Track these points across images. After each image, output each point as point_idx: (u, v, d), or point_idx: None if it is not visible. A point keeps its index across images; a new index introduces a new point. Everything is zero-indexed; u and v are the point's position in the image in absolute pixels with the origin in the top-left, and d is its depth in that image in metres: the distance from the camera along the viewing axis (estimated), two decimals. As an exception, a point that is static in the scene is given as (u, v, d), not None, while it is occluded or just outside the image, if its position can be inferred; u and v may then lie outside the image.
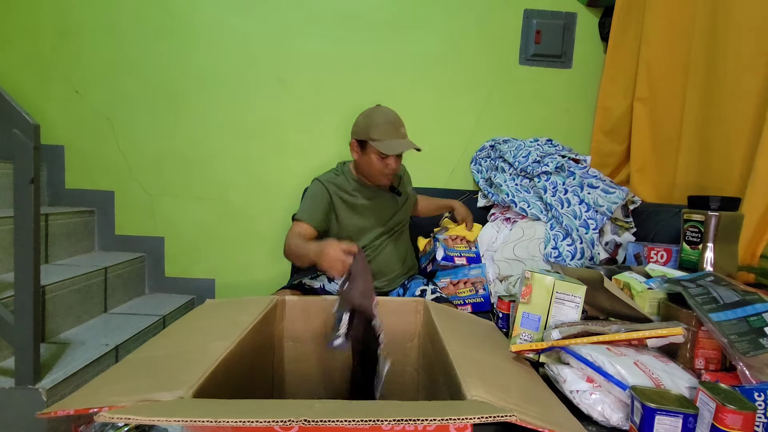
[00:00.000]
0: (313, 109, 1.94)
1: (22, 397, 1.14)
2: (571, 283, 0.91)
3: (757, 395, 0.70)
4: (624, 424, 0.73)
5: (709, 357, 0.84)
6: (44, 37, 1.88)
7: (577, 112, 1.99)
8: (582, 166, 1.72)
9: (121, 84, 1.91)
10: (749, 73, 1.25)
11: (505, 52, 1.96)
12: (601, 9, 1.92)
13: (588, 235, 1.54)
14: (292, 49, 1.92)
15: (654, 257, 1.30)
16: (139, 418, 0.55)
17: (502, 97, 1.98)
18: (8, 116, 1.10)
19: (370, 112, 1.40)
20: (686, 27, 1.49)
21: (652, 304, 0.97)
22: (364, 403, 0.63)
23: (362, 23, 1.92)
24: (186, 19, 1.89)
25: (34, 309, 1.11)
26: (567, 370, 0.81)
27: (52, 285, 1.43)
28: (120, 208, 1.96)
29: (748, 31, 1.25)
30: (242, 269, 2.00)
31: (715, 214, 1.08)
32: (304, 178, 1.92)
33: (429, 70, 1.95)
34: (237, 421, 0.54)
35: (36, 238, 1.11)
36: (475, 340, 0.99)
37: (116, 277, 1.77)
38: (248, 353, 0.97)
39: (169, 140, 1.94)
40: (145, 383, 0.69)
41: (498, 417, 0.56)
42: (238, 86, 1.93)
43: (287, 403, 0.63)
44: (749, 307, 0.83)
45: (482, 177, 1.88)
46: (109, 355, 1.39)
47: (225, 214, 1.98)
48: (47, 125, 1.83)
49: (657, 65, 1.61)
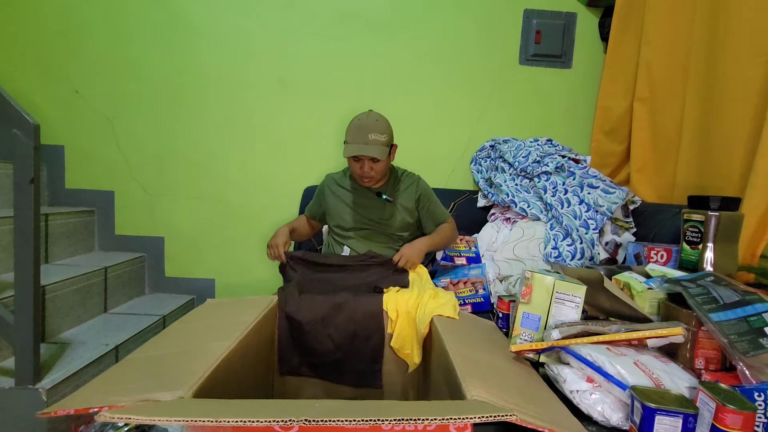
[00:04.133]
0: (313, 108, 1.94)
1: (22, 397, 1.14)
2: (571, 283, 0.91)
3: (757, 395, 0.70)
4: (624, 424, 0.73)
5: (709, 357, 0.84)
6: (44, 37, 1.88)
7: (577, 112, 1.99)
8: (582, 166, 1.72)
9: (121, 84, 1.91)
10: (749, 73, 1.25)
11: (505, 52, 1.96)
12: (601, 9, 1.92)
13: (588, 235, 1.53)
14: (292, 49, 1.92)
15: (654, 257, 1.30)
16: (139, 418, 0.55)
17: (502, 97, 1.98)
18: (8, 116, 1.10)
19: (356, 116, 1.48)
20: (686, 27, 1.49)
21: (652, 304, 0.97)
22: (365, 403, 0.63)
23: (362, 23, 1.92)
24: (186, 19, 1.89)
25: (34, 309, 1.11)
26: (567, 370, 0.81)
27: (52, 285, 1.43)
28: (120, 208, 1.96)
29: (748, 31, 1.25)
30: (242, 269, 2.00)
31: (715, 214, 1.08)
32: (303, 178, 1.92)
33: (429, 70, 1.95)
34: (237, 421, 0.54)
35: (36, 238, 1.11)
36: (475, 340, 0.99)
37: (116, 277, 1.77)
38: (248, 353, 0.97)
39: (169, 140, 1.94)
40: (145, 383, 0.69)
41: (498, 417, 0.57)
42: (238, 86, 1.93)
43: (287, 403, 0.63)
44: (749, 307, 0.83)
45: (482, 177, 1.88)
46: (109, 355, 1.39)
47: (225, 214, 1.98)
48: (47, 125, 1.83)
49: (657, 65, 1.61)
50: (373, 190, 1.55)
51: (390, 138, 1.47)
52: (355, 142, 1.42)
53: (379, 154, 1.40)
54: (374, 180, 1.50)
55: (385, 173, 1.52)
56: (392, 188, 1.56)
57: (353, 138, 1.42)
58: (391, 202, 1.53)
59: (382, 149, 1.42)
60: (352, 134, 1.43)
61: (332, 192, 1.60)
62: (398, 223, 1.53)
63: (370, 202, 1.54)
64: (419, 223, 1.59)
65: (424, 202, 1.57)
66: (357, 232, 1.53)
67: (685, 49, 1.49)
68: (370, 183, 1.51)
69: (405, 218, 1.54)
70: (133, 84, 1.91)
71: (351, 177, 1.57)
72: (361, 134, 1.41)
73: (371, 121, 1.44)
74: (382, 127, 1.44)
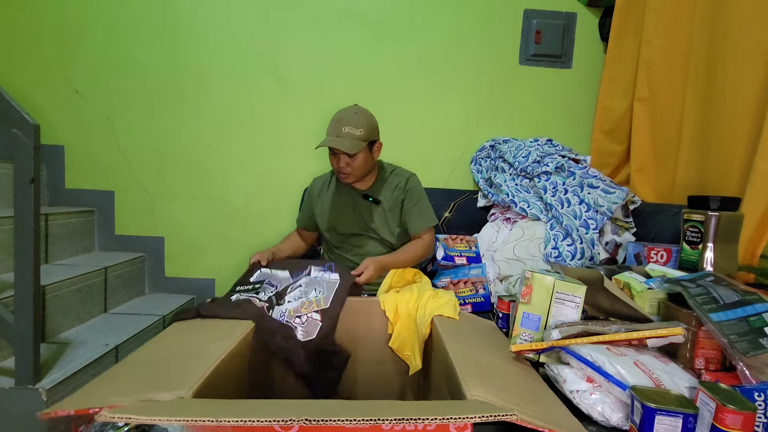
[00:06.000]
0: (313, 108, 1.94)
1: (22, 397, 1.14)
2: (571, 283, 0.91)
3: (757, 395, 0.70)
4: (624, 424, 0.73)
5: (709, 357, 0.84)
6: (44, 37, 1.88)
7: (577, 112, 1.99)
8: (582, 166, 1.72)
9: (121, 84, 1.91)
10: (749, 73, 1.25)
11: (505, 52, 1.96)
12: (601, 9, 1.92)
13: (588, 235, 1.53)
14: (293, 49, 1.92)
15: (654, 257, 1.30)
16: (139, 418, 0.55)
17: (502, 97, 1.98)
18: (8, 116, 1.10)
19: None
20: (686, 27, 1.49)
21: (652, 304, 0.97)
22: (365, 403, 0.63)
23: (362, 23, 1.92)
24: (186, 19, 1.89)
25: (34, 309, 1.11)
26: (567, 370, 0.81)
27: (52, 285, 1.42)
28: (120, 208, 1.96)
29: (748, 31, 1.25)
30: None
31: (715, 214, 1.08)
32: (303, 178, 1.92)
33: (428, 69, 1.95)
34: (237, 421, 0.54)
35: (36, 238, 1.11)
36: (475, 340, 0.99)
37: (116, 277, 1.77)
38: (248, 353, 0.97)
39: (170, 140, 1.94)
40: (145, 383, 0.69)
41: (498, 417, 0.57)
42: (238, 86, 1.93)
43: (287, 403, 0.63)
44: (749, 307, 0.83)
45: (482, 177, 1.88)
46: (109, 355, 1.39)
47: (225, 214, 1.98)
48: (47, 125, 1.83)
49: (657, 65, 1.61)
50: (360, 191, 1.49)
51: (368, 133, 1.38)
52: (329, 134, 1.38)
53: (347, 148, 1.33)
54: (352, 176, 1.43)
55: (365, 171, 1.44)
56: (379, 188, 1.49)
57: (329, 130, 1.39)
58: (378, 204, 1.47)
59: (354, 143, 1.34)
60: (329, 126, 1.40)
61: (318, 196, 1.56)
62: (385, 227, 1.47)
63: (357, 205, 1.49)
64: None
65: (409, 200, 1.46)
66: (347, 239, 1.49)
67: (685, 49, 1.49)
68: (348, 179, 1.44)
69: (392, 220, 1.47)
70: (133, 84, 1.91)
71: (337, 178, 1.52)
72: (335, 126, 1.37)
73: (349, 114, 1.39)
74: (359, 120, 1.37)
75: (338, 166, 1.41)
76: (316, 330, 1.12)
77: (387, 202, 1.48)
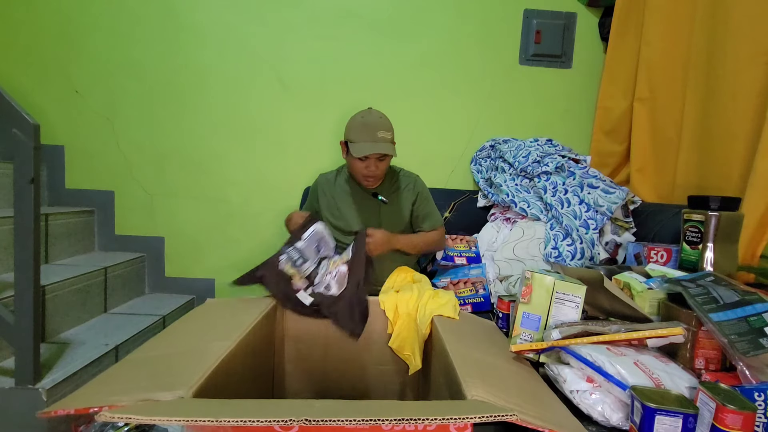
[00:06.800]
0: (313, 109, 1.94)
1: (22, 397, 1.14)
2: (571, 283, 0.91)
3: (757, 395, 0.70)
4: (624, 424, 0.73)
5: (709, 357, 0.84)
6: (44, 37, 1.88)
7: (577, 112, 1.99)
8: (582, 166, 1.72)
9: (121, 84, 1.91)
10: (749, 73, 1.25)
11: (505, 52, 1.96)
12: (601, 9, 1.92)
13: (588, 235, 1.53)
14: (292, 49, 1.92)
15: (654, 257, 1.30)
16: (139, 418, 0.55)
17: (502, 97, 1.98)
18: (8, 116, 1.10)
19: (356, 115, 1.45)
20: (686, 27, 1.49)
21: (652, 304, 0.97)
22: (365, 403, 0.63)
23: (362, 23, 1.92)
24: (186, 19, 1.89)
25: (34, 309, 1.11)
26: (567, 370, 0.81)
27: (52, 285, 1.43)
28: (120, 208, 1.96)
29: (748, 30, 1.25)
30: (242, 269, 1.99)
31: (715, 214, 1.08)
32: (303, 178, 1.92)
33: (429, 69, 1.95)
34: (237, 421, 0.54)
35: (36, 238, 1.11)
36: (475, 340, 0.99)
37: (116, 277, 1.77)
38: (248, 353, 0.97)
39: (169, 140, 1.94)
40: (145, 383, 0.69)
41: (498, 417, 0.57)
42: (238, 86, 1.93)
43: (287, 403, 0.63)
44: (749, 307, 0.83)
45: (482, 177, 1.88)
46: (109, 355, 1.39)
47: (225, 214, 1.98)
48: (47, 125, 1.83)
49: (657, 65, 1.61)
50: (369, 190, 1.51)
51: (394, 135, 1.44)
52: (363, 140, 1.37)
53: (391, 151, 1.38)
54: (378, 179, 1.47)
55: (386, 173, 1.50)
56: (389, 188, 1.53)
57: (360, 137, 1.38)
58: (387, 203, 1.49)
59: (392, 146, 1.40)
60: (357, 133, 1.39)
61: (325, 193, 1.57)
62: (393, 226, 1.49)
63: (365, 203, 1.51)
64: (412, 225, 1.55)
65: (421, 203, 1.53)
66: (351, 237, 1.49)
67: (685, 49, 1.49)
68: (375, 183, 1.48)
69: (400, 220, 1.51)
70: (133, 84, 1.91)
71: (347, 178, 1.55)
72: (369, 132, 1.38)
73: (375, 118, 1.41)
74: (387, 124, 1.42)
75: (368, 171, 1.41)
76: (345, 279, 1.21)
77: (399, 202, 1.51)
